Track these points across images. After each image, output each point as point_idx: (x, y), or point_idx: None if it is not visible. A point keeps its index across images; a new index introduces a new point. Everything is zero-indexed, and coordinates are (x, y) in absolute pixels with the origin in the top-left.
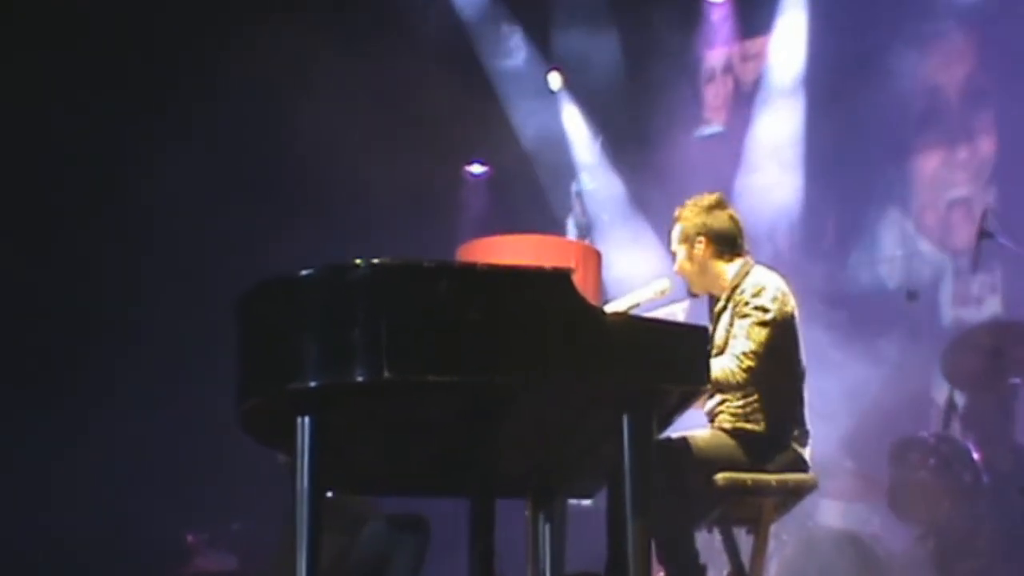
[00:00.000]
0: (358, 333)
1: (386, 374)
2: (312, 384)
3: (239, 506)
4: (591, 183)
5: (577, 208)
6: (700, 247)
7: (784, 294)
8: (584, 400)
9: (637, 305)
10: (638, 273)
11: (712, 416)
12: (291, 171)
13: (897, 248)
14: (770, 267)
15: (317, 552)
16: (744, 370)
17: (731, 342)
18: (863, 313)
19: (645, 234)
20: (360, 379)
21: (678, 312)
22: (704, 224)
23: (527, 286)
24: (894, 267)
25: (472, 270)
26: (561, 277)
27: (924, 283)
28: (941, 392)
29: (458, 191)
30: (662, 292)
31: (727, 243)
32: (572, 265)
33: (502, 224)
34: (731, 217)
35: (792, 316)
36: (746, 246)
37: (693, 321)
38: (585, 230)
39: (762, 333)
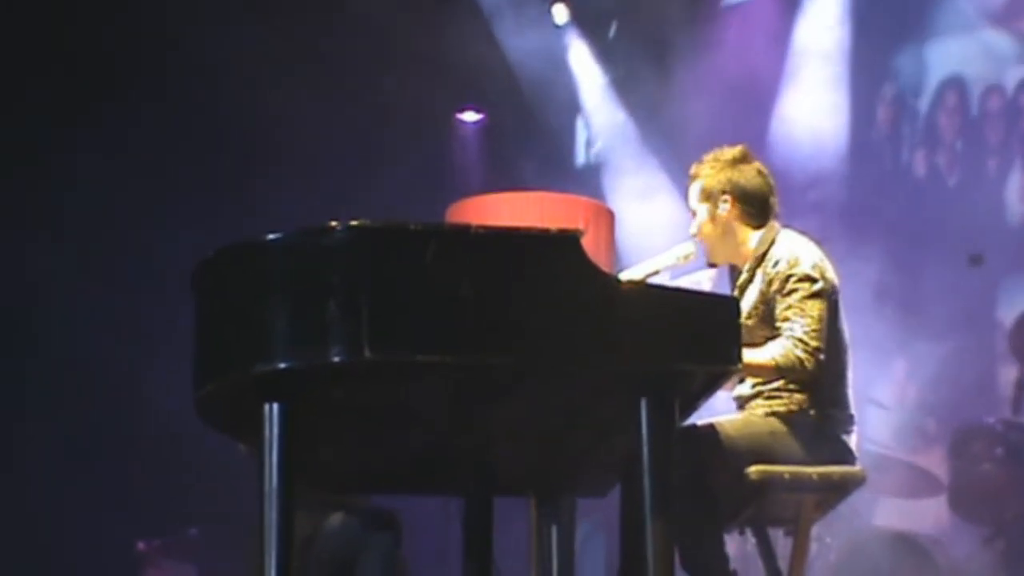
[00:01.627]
0: (334, 306)
1: (367, 354)
2: (281, 366)
3: (197, 509)
4: (600, 123)
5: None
6: (726, 207)
7: (822, 259)
8: (595, 383)
9: (657, 272)
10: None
11: (743, 402)
12: (256, 123)
13: None
14: (800, 231)
15: (288, 563)
16: (813, 353)
17: (784, 324)
18: (919, 281)
19: (660, 185)
20: (337, 359)
21: (704, 281)
22: (730, 180)
23: (529, 251)
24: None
25: (465, 233)
26: (568, 240)
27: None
28: (1010, 371)
29: (448, 142)
30: (686, 257)
31: (757, 203)
32: (581, 226)
33: (499, 180)
34: (760, 172)
35: (834, 285)
36: (777, 208)
37: (722, 291)
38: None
39: (817, 306)
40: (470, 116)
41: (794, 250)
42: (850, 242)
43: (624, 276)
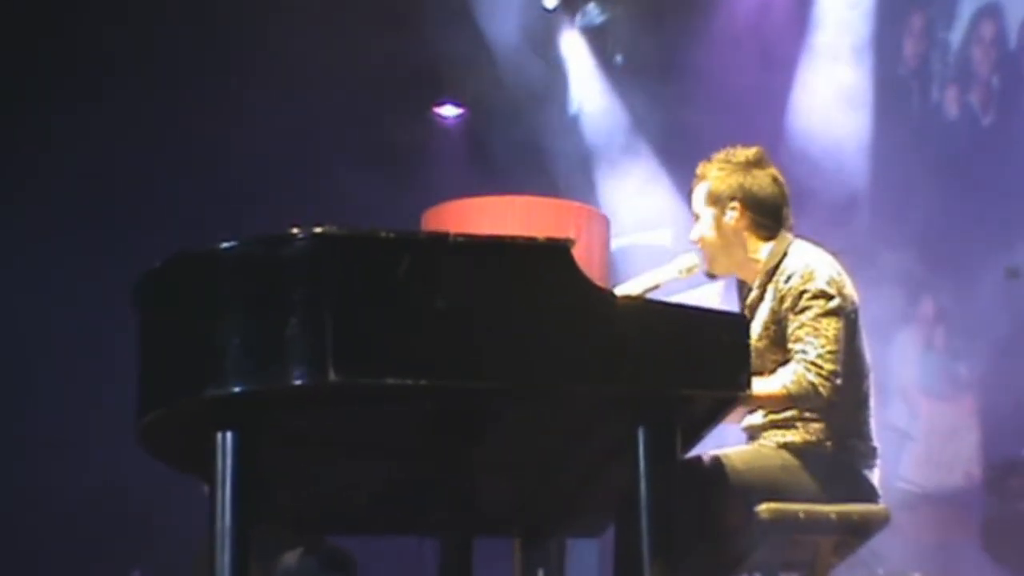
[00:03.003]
0: (295, 323)
1: (332, 376)
2: (236, 390)
3: (140, 549)
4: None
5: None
6: (733, 215)
7: (840, 273)
8: (588, 409)
9: (657, 287)
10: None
11: (754, 433)
12: (209, 117)
13: None
14: (815, 242)
15: None
16: (828, 377)
17: (795, 346)
18: (950, 295)
19: (660, 186)
20: (298, 383)
21: (710, 296)
22: (741, 186)
23: (514, 263)
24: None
25: (443, 242)
26: (558, 251)
27: None
28: None
29: (425, 140)
30: (689, 270)
31: (769, 213)
32: (572, 234)
33: (482, 182)
34: (774, 179)
35: (853, 302)
36: (791, 220)
37: (729, 308)
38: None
39: (833, 325)
40: (449, 111)
41: (808, 263)
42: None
43: (620, 291)
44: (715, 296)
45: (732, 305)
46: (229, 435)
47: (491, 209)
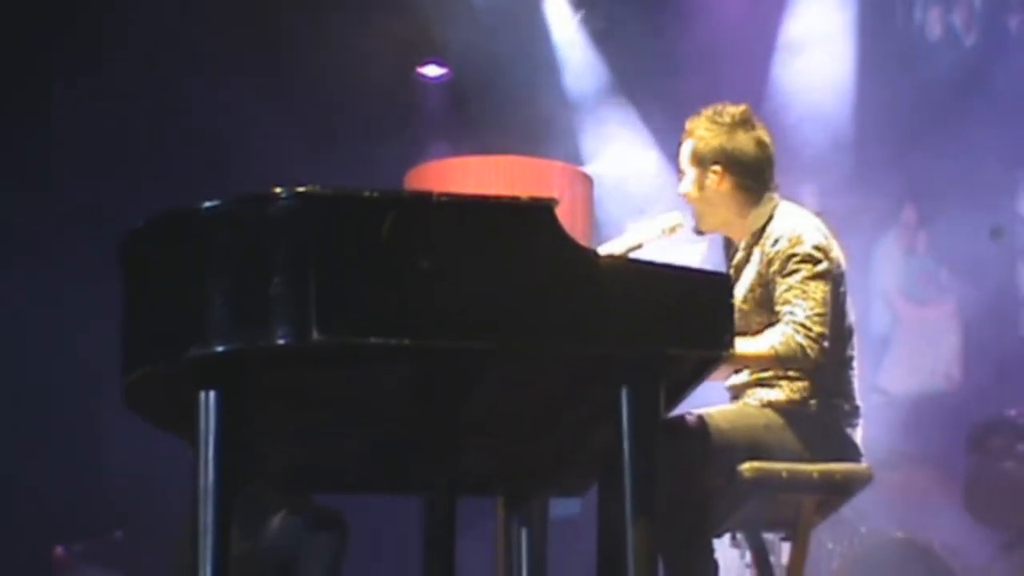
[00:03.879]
0: (278, 283)
1: (315, 336)
2: (219, 349)
3: (123, 510)
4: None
5: None
6: (714, 177)
7: (828, 237)
8: (571, 369)
9: (640, 246)
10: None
11: (737, 392)
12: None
13: None
14: (799, 203)
15: (225, 567)
16: (816, 339)
17: (784, 308)
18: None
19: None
20: (282, 342)
21: (694, 256)
22: (722, 148)
23: (497, 222)
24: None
25: (426, 201)
26: (541, 210)
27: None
28: None
29: (408, 100)
30: (672, 229)
31: (752, 175)
32: (556, 194)
33: (465, 142)
34: (759, 142)
35: (839, 264)
36: (777, 179)
37: (713, 267)
38: None
39: (821, 288)
40: (432, 70)
41: (796, 227)
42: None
43: (603, 250)
44: (698, 256)
45: (717, 264)
46: (212, 394)
47: (474, 169)
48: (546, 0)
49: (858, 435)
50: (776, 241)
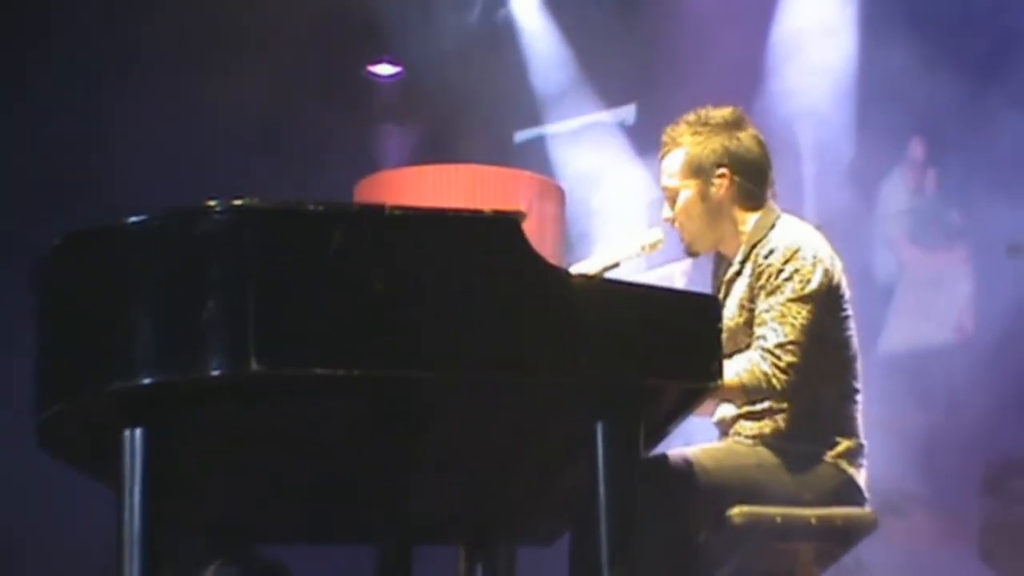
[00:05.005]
0: (213, 307)
1: (254, 366)
2: (145, 382)
3: (35, 562)
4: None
5: None
6: (722, 182)
7: (829, 256)
8: (541, 402)
9: (617, 265)
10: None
11: (727, 427)
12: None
13: None
14: (800, 217)
15: None
16: (785, 370)
17: (758, 329)
18: (943, 274)
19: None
20: (216, 373)
21: (676, 275)
22: (726, 150)
23: (457, 238)
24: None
25: (378, 215)
26: (507, 224)
27: None
28: None
29: (357, 101)
30: (653, 246)
31: (756, 178)
32: (523, 207)
33: (421, 148)
34: (759, 141)
35: (839, 285)
36: (776, 186)
37: (698, 288)
38: None
39: (803, 313)
40: (385, 69)
41: (795, 240)
42: None
43: (576, 269)
44: (680, 275)
45: (702, 284)
46: (138, 432)
47: (432, 178)
48: None
49: (862, 476)
50: (771, 252)
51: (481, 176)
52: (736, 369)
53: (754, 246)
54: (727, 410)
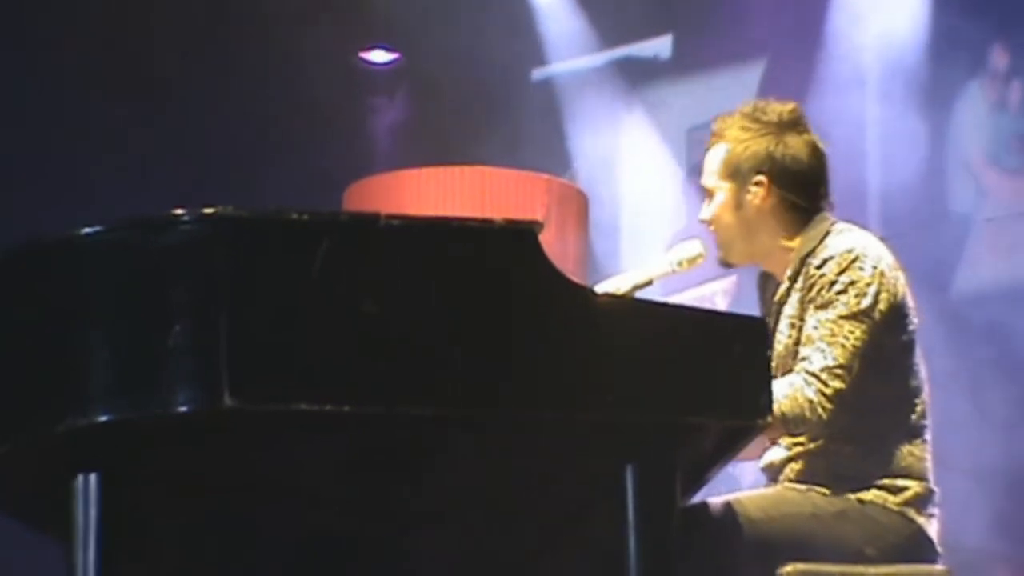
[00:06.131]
0: (180, 332)
1: (227, 401)
2: (102, 419)
3: None
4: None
5: None
6: (758, 192)
7: (892, 267)
8: (559, 443)
9: (650, 283)
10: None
11: (775, 473)
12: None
13: None
14: (862, 227)
15: None
16: (831, 398)
17: (803, 349)
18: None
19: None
20: (184, 409)
21: (718, 295)
22: (768, 155)
23: (462, 252)
24: None
25: (372, 226)
26: (521, 236)
27: None
28: None
29: (349, 94)
30: (691, 261)
31: (804, 190)
32: (540, 215)
33: (421, 147)
34: (813, 148)
35: (904, 304)
36: (831, 197)
37: (743, 310)
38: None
39: (856, 333)
40: (379, 56)
41: (853, 248)
42: None
43: (602, 288)
44: (722, 295)
45: (746, 305)
46: (92, 478)
47: (434, 182)
48: None
49: (933, 527)
50: (824, 262)
51: (491, 179)
52: (774, 395)
53: (806, 257)
54: (777, 453)
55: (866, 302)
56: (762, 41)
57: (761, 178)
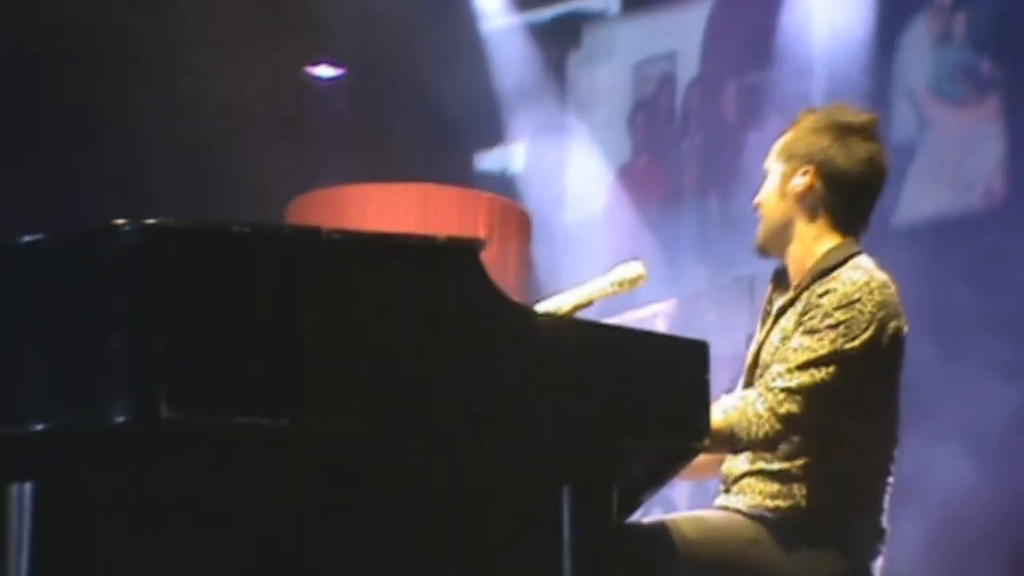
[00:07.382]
0: (118, 342)
1: (164, 412)
2: (36, 428)
3: None
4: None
5: None
6: (802, 181)
7: (895, 315)
8: (495, 462)
9: (590, 303)
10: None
11: (732, 483)
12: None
13: None
14: (880, 263)
15: None
16: (781, 418)
17: (776, 365)
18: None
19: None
20: (120, 420)
21: (658, 317)
22: (823, 147)
23: (404, 267)
24: None
25: (313, 240)
26: (462, 253)
27: None
28: None
29: (292, 110)
30: (632, 282)
31: (848, 198)
32: (483, 233)
33: (365, 163)
34: (872, 160)
35: (895, 352)
36: (868, 222)
37: (682, 333)
38: None
39: (830, 371)
40: (324, 71)
41: (860, 288)
42: None
43: (543, 307)
44: (663, 317)
45: (688, 328)
46: (27, 489)
47: (377, 198)
48: None
49: (877, 567)
50: (826, 293)
51: (434, 196)
52: (724, 407)
53: (816, 277)
54: (737, 463)
55: (854, 343)
56: None
57: (808, 167)
